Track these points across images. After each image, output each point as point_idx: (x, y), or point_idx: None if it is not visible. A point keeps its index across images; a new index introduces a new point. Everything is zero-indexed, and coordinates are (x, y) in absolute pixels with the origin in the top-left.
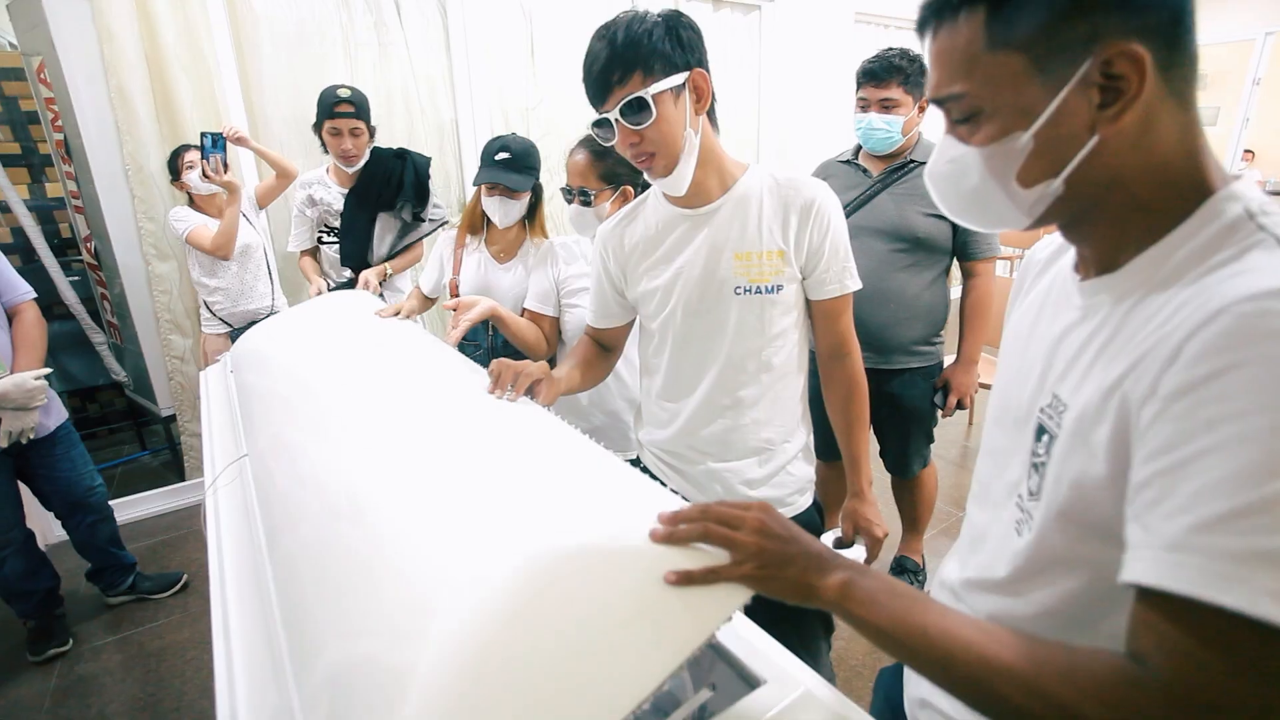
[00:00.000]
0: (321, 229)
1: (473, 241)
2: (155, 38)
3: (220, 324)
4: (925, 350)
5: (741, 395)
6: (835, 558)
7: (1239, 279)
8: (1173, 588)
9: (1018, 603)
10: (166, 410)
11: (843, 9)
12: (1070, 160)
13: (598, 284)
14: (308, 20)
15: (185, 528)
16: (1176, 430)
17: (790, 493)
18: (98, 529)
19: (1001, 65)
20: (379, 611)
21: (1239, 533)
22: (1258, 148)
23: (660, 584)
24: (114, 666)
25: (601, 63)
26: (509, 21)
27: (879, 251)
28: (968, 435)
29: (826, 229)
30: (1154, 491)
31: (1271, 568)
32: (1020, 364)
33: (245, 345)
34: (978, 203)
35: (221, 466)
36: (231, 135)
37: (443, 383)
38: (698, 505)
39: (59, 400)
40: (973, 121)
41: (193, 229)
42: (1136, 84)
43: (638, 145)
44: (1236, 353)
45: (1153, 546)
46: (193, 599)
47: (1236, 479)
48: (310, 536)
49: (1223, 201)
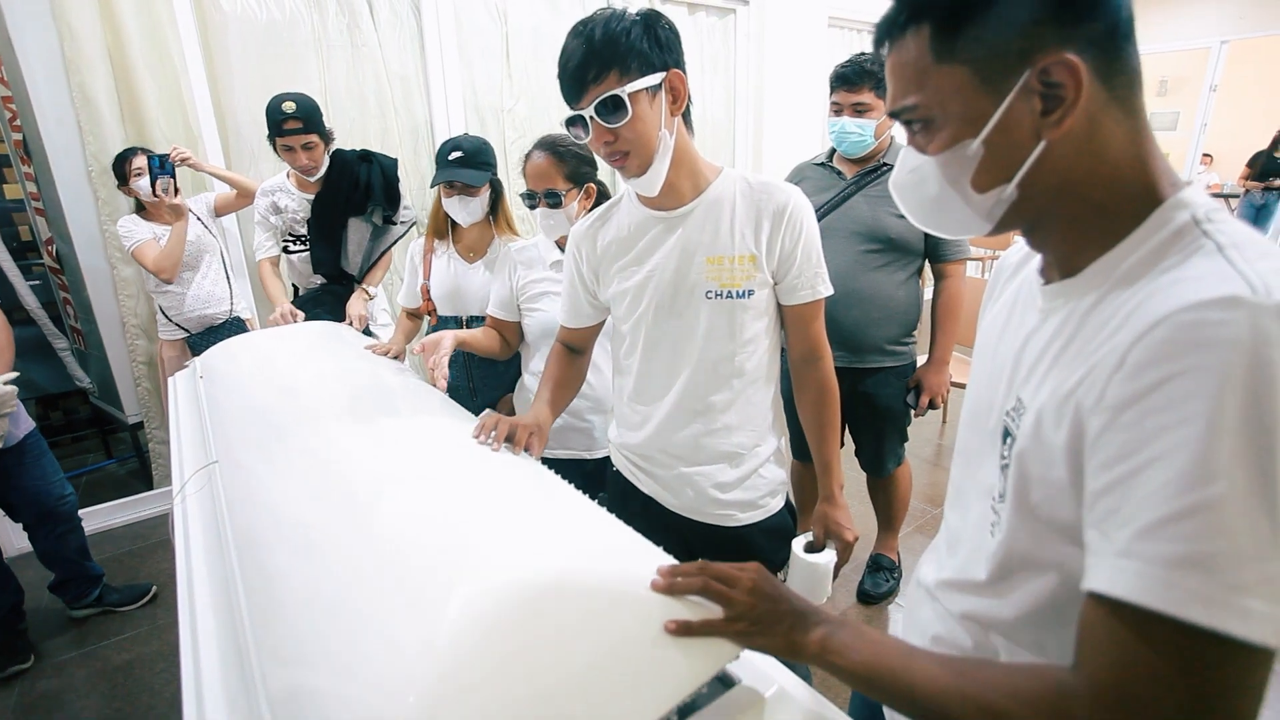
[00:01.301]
0: (288, 238)
1: (441, 245)
2: (119, 35)
3: (177, 330)
4: (898, 350)
5: (713, 400)
6: (817, 614)
7: (1179, 287)
8: (1112, 592)
9: (998, 603)
10: (133, 417)
11: (816, 13)
12: (1020, 165)
13: (570, 284)
14: (278, 20)
15: (154, 537)
16: (1126, 440)
17: (762, 495)
18: (66, 539)
19: (948, 77)
20: (357, 627)
21: (1171, 539)
22: (1215, 152)
23: (655, 633)
24: (78, 682)
25: (578, 59)
26: (483, 22)
27: (853, 252)
28: (942, 434)
29: (799, 234)
30: (1110, 499)
31: (1198, 572)
32: (991, 367)
33: (219, 359)
34: (939, 209)
35: (190, 473)
36: (176, 158)
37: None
38: (697, 562)
39: (23, 408)
40: (927, 131)
41: (139, 245)
42: (1074, 91)
43: (612, 144)
44: (1175, 362)
45: (1106, 554)
46: (160, 610)
47: (1170, 486)
48: (284, 546)
49: (1171, 209)
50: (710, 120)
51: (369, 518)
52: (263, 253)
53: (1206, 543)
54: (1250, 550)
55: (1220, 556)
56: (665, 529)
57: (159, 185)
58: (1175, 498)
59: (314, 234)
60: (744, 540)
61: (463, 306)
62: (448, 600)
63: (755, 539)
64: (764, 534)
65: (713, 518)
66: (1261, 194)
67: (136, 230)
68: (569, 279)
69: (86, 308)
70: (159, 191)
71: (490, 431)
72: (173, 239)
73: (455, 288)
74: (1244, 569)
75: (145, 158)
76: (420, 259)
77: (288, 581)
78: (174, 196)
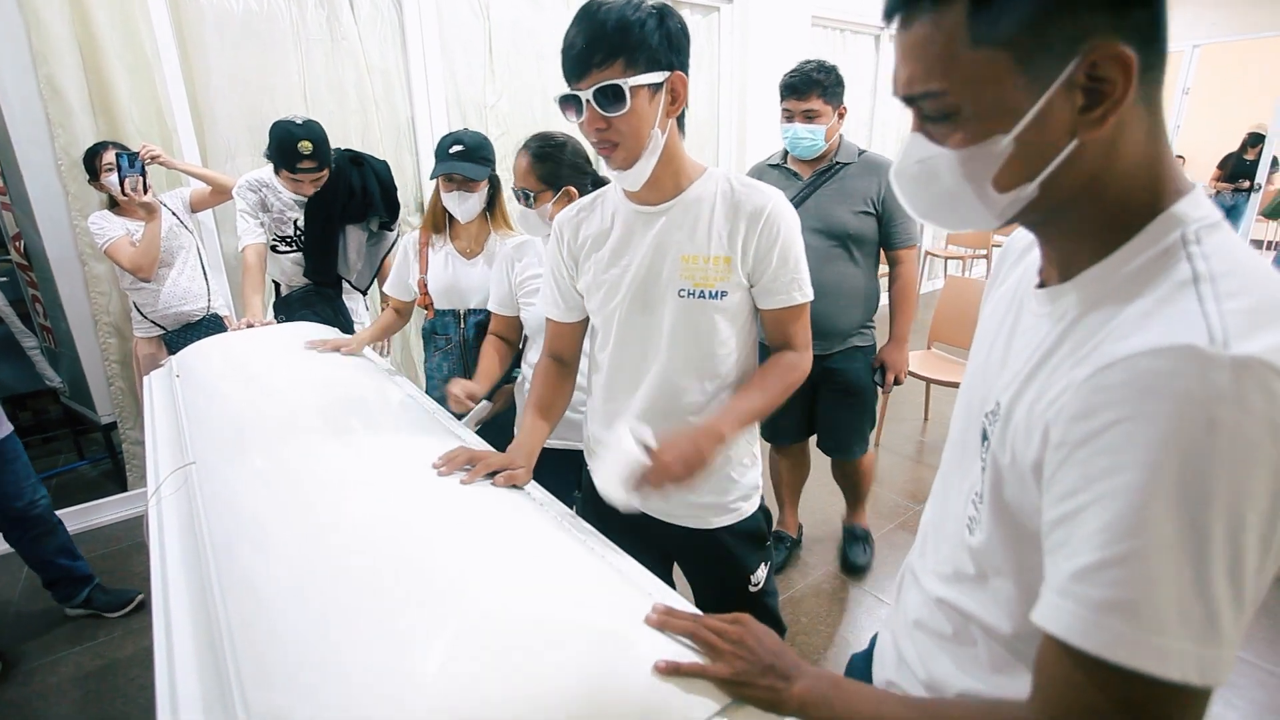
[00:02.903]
0: (275, 238)
1: (437, 240)
2: (88, 26)
3: (152, 326)
4: (864, 332)
5: (684, 401)
6: (798, 669)
7: (1145, 323)
8: (1052, 630)
9: (978, 596)
10: (106, 417)
11: (800, 12)
12: (1048, 164)
13: (551, 272)
14: (255, 11)
15: (127, 541)
16: (1076, 477)
17: (734, 499)
18: (42, 542)
19: (984, 63)
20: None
21: (1101, 584)
22: (1187, 154)
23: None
24: (48, 689)
25: (585, 39)
26: (465, 17)
27: (816, 248)
28: (923, 431)
29: (775, 237)
30: (1061, 533)
31: (1123, 616)
32: (985, 361)
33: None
34: (947, 205)
35: (166, 474)
36: (147, 155)
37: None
38: (690, 612)
39: (1, 412)
40: (949, 121)
41: (112, 242)
42: (1122, 87)
43: (603, 132)
44: (1124, 407)
45: (1049, 589)
46: (135, 614)
47: (1105, 532)
48: (264, 553)
49: (1164, 224)
50: (694, 117)
51: (354, 527)
52: (249, 238)
53: (1132, 589)
54: (1173, 595)
55: (1143, 603)
56: (637, 531)
57: (128, 184)
58: (1108, 545)
59: (308, 241)
60: (717, 544)
61: (460, 300)
62: (438, 631)
63: (728, 543)
64: (737, 538)
65: (684, 520)
66: (1231, 195)
67: (109, 227)
68: (550, 266)
69: (56, 305)
70: (128, 190)
71: (461, 465)
72: (147, 237)
73: (453, 283)
74: (1165, 613)
75: (115, 154)
76: (414, 251)
77: (268, 589)
78: (144, 194)
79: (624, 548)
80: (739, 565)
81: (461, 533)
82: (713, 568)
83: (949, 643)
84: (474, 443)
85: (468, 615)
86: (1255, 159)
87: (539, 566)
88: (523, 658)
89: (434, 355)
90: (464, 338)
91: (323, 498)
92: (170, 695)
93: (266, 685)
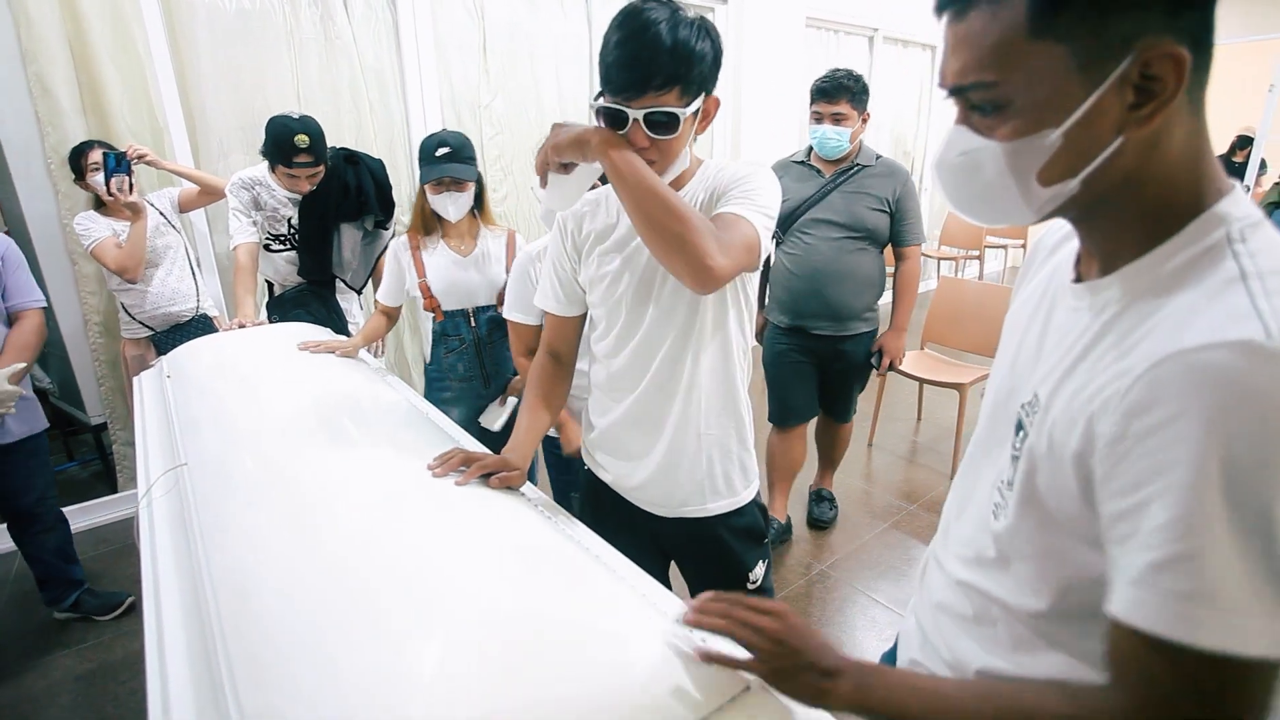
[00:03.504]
0: (269, 236)
1: (428, 242)
2: (79, 23)
3: (140, 328)
4: (869, 315)
5: (682, 390)
6: (841, 662)
7: (1196, 319)
8: (1136, 623)
9: (1000, 579)
10: (96, 418)
11: (794, 14)
12: (1093, 160)
13: (554, 265)
14: (249, 10)
15: (118, 543)
16: (1140, 470)
17: (733, 483)
18: (42, 540)
19: (1042, 55)
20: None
21: (1179, 576)
22: None
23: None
24: (38, 693)
25: (644, 57)
26: (460, 17)
27: (837, 239)
28: (917, 431)
29: (739, 175)
30: (1124, 526)
31: (1203, 604)
32: (1016, 355)
33: (188, 358)
34: (988, 198)
35: (157, 475)
36: (133, 155)
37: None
38: (723, 602)
39: (39, 410)
40: (999, 114)
41: (98, 243)
42: (1173, 86)
43: (645, 151)
44: (1184, 400)
45: (1122, 581)
46: (126, 616)
47: (1176, 525)
48: (258, 556)
49: (1208, 223)
50: None
51: (347, 529)
52: (241, 237)
53: (1208, 579)
54: (1246, 581)
55: (1220, 590)
56: (635, 530)
57: (114, 184)
58: (1180, 538)
59: (302, 240)
60: (715, 540)
61: (468, 299)
62: (431, 632)
63: (726, 539)
64: (735, 535)
65: (680, 510)
66: None
67: (94, 228)
68: (552, 259)
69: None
70: (114, 190)
71: (457, 466)
72: (133, 238)
73: (454, 282)
74: (1241, 597)
75: (101, 153)
76: (406, 257)
77: (260, 591)
78: (130, 195)
79: (621, 547)
80: (737, 562)
81: (455, 534)
82: (711, 565)
83: (970, 623)
84: (468, 444)
85: (461, 617)
86: (1244, 161)
87: (533, 568)
88: (516, 659)
89: (446, 356)
90: (477, 336)
91: (315, 499)
92: (162, 698)
93: (259, 687)
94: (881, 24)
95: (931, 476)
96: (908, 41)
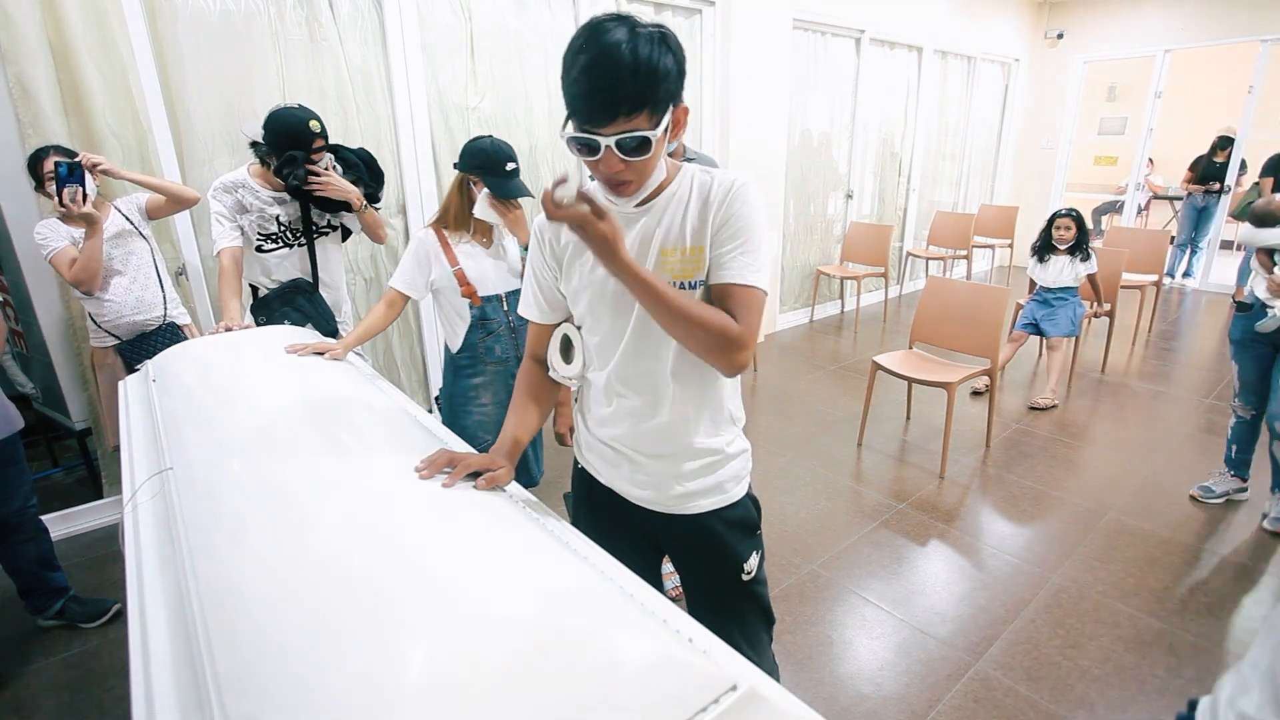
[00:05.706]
0: (260, 237)
1: (453, 236)
2: (59, 23)
3: (107, 336)
4: None
5: (673, 391)
6: None
7: None
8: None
9: None
10: (80, 423)
11: (781, 15)
12: None
13: (535, 274)
14: (233, 10)
15: (103, 549)
16: None
17: (724, 481)
18: (22, 548)
19: None
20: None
21: None
22: (1158, 156)
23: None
24: (22, 702)
25: (608, 84)
26: (446, 19)
27: None
28: (905, 430)
29: (731, 213)
30: None
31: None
32: None
33: (174, 362)
34: None
35: (142, 480)
36: (88, 164)
37: (401, 442)
38: None
39: (14, 411)
40: None
41: (56, 253)
42: None
43: (621, 174)
44: None
45: None
46: (113, 624)
47: None
48: (244, 561)
49: None
50: None
51: (334, 533)
52: (225, 242)
53: None
54: None
55: None
56: (627, 526)
57: (66, 194)
58: None
59: (306, 193)
60: (708, 533)
61: (501, 285)
62: (422, 637)
63: (720, 531)
64: (728, 526)
65: (674, 507)
66: (1203, 196)
67: (52, 236)
68: (532, 269)
69: (28, 309)
70: (66, 201)
71: (442, 468)
72: (87, 250)
73: (484, 273)
74: None
75: (54, 162)
76: (435, 249)
77: (246, 596)
78: (84, 206)
79: (613, 543)
80: (731, 554)
81: (442, 536)
82: (704, 558)
83: None
84: (455, 445)
85: (448, 619)
86: (1225, 161)
87: (520, 569)
88: (504, 661)
89: (484, 340)
90: (509, 321)
91: (302, 503)
92: (147, 705)
93: (245, 694)
94: (868, 25)
95: (920, 475)
96: (894, 43)
